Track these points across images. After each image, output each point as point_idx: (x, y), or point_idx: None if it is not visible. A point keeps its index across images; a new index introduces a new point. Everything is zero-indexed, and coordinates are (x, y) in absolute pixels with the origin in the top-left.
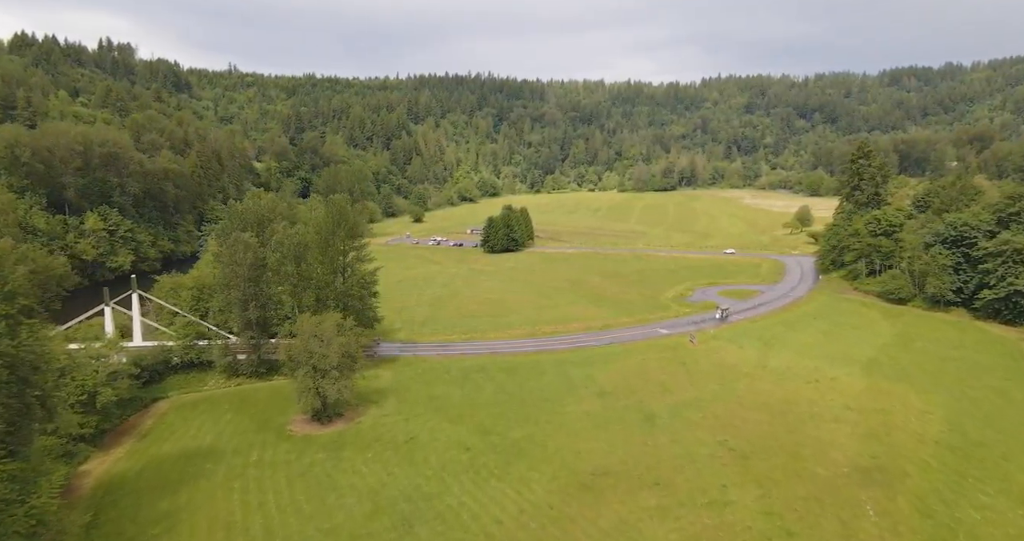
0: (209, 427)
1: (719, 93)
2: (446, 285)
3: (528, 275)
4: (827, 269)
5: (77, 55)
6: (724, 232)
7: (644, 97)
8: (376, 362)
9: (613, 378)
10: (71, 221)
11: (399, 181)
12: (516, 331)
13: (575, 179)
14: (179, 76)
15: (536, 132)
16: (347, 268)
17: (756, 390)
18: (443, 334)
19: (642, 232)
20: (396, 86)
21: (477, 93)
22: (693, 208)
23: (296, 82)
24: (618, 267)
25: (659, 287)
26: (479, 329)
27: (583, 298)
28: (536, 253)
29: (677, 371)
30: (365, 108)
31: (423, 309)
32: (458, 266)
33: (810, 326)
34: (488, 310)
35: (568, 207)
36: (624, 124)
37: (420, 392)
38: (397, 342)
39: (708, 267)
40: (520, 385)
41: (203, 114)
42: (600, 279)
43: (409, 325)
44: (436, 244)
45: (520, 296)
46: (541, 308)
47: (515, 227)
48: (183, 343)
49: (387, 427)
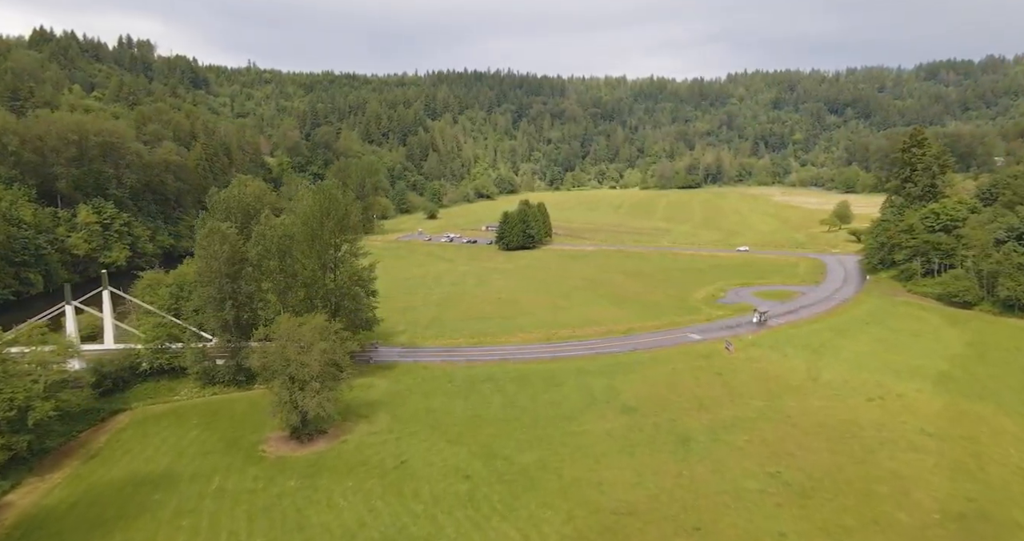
0: (170, 446)
1: (745, 89)
2: (456, 284)
3: (544, 274)
4: (874, 269)
5: (95, 51)
6: (755, 230)
7: (667, 93)
8: (371, 369)
9: (639, 391)
10: (63, 214)
11: (415, 178)
12: (530, 335)
13: (596, 176)
14: (196, 73)
15: (556, 129)
16: (338, 263)
17: (809, 408)
18: (449, 337)
19: (667, 229)
20: (414, 82)
21: (496, 89)
22: (720, 205)
23: (314, 79)
24: (642, 266)
25: (688, 287)
26: (489, 332)
27: (604, 299)
28: (554, 250)
29: (713, 383)
30: (382, 104)
31: (429, 310)
32: (470, 264)
33: (863, 333)
34: (500, 311)
35: (588, 204)
36: (647, 120)
37: (418, 405)
38: (397, 346)
39: (740, 266)
40: (532, 398)
41: (219, 110)
42: (623, 278)
43: (413, 327)
44: (449, 241)
45: (535, 296)
46: (558, 309)
47: (532, 223)
48: (152, 346)
49: (375, 448)
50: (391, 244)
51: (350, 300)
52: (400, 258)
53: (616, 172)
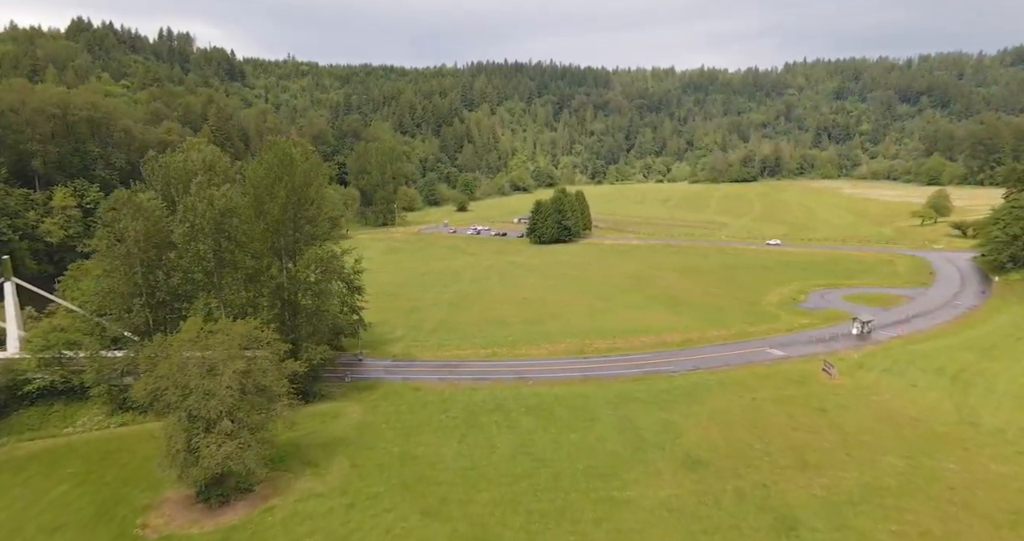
0: (12, 513)
1: (805, 78)
2: (476, 280)
3: (581, 270)
4: (1001, 268)
5: (132, 42)
6: (828, 224)
7: (719, 84)
8: (345, 390)
9: (709, 433)
10: (37, 196)
11: (447, 169)
12: (558, 345)
13: (641, 170)
14: (233, 65)
15: (599, 120)
16: (296, 249)
17: (982, 475)
18: (455, 347)
19: (722, 223)
20: (452, 74)
21: (537, 79)
22: (782, 199)
23: (351, 71)
24: (697, 262)
25: (756, 288)
26: (506, 341)
27: (654, 301)
28: (593, 244)
29: (817, 425)
30: (416, 93)
31: (439, 311)
32: (496, 258)
33: (1021, 353)
34: (523, 314)
35: (633, 197)
36: (696, 112)
37: (392, 448)
38: (388, 358)
39: (819, 263)
40: (555, 439)
41: (252, 101)
42: (675, 277)
43: (413, 332)
44: (476, 233)
45: (568, 296)
46: (595, 313)
47: (568, 213)
48: (42, 357)
49: (313, 522)
50: (411, 236)
51: (313, 298)
52: (417, 251)
53: (663, 166)
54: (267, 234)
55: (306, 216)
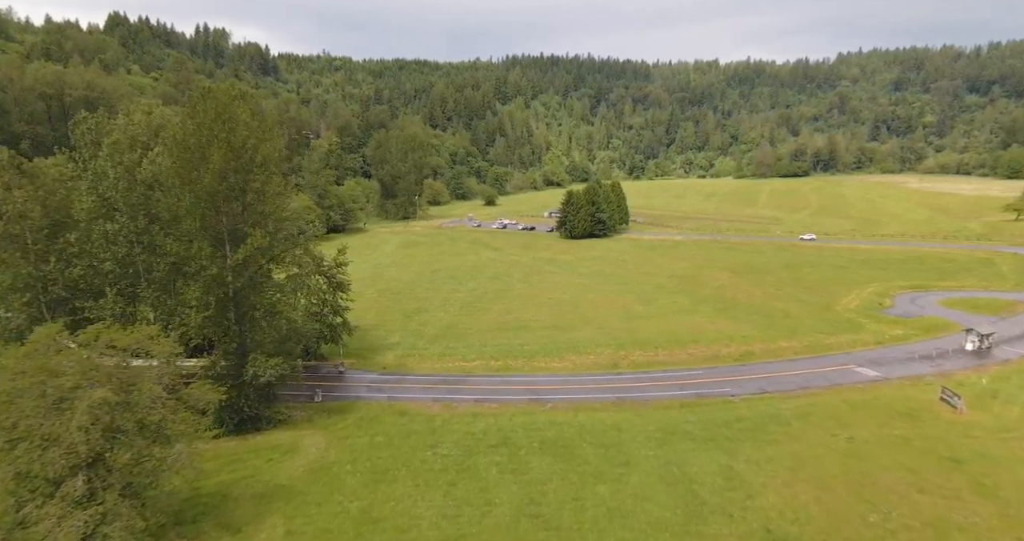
0: None
1: (860, 69)
2: (497, 278)
3: (617, 267)
4: None
5: (167, 37)
6: (899, 219)
7: (766, 77)
8: (312, 412)
9: (793, 492)
10: None
11: (479, 164)
12: (586, 357)
13: (682, 165)
14: (266, 60)
15: (638, 114)
16: (241, 231)
17: None
18: (459, 357)
19: (776, 218)
20: (485, 67)
21: (574, 73)
22: (840, 193)
23: (384, 65)
24: (752, 260)
25: (827, 289)
26: (523, 351)
27: (703, 304)
28: (630, 239)
29: (953, 485)
30: (449, 87)
31: (447, 313)
32: (521, 253)
33: None
34: (547, 318)
35: (674, 192)
36: (741, 105)
37: (350, 504)
38: (375, 370)
39: (900, 261)
40: (576, 496)
41: (285, 96)
42: (728, 276)
43: (412, 338)
44: (502, 227)
45: (601, 296)
46: (633, 318)
47: (603, 206)
48: None
49: None
50: (431, 230)
51: (266, 297)
52: (436, 246)
53: (705, 161)
54: (196, 210)
55: (254, 189)
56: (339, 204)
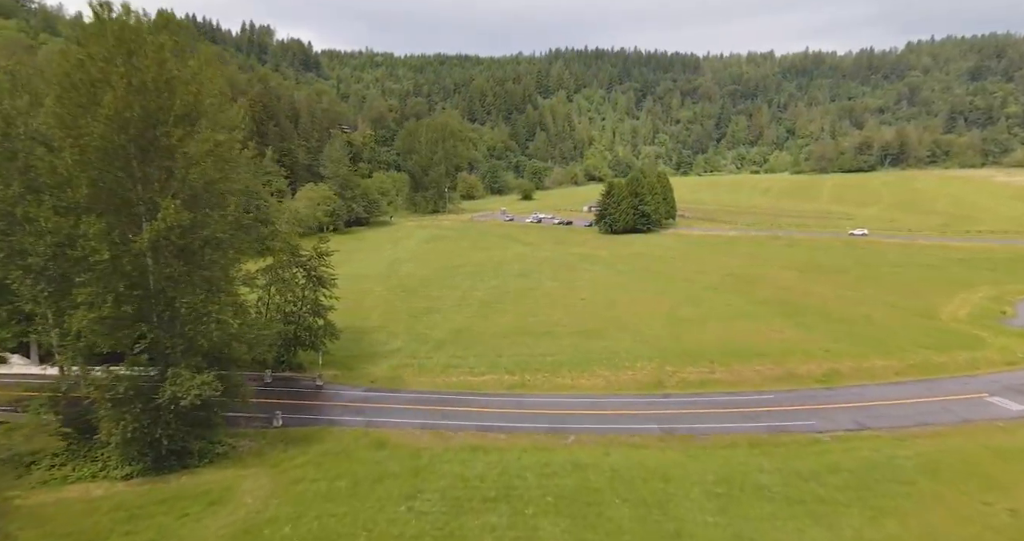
0: None
1: (932, 58)
2: (524, 275)
3: (662, 264)
4: None
5: (212, 34)
6: (995, 214)
7: (826, 68)
8: (265, 443)
9: None
10: None
11: (517, 158)
12: (624, 373)
13: (733, 161)
14: (308, 56)
15: (687, 108)
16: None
17: None
18: (467, 369)
19: (844, 213)
20: (527, 61)
21: (619, 66)
22: (916, 188)
23: (425, 60)
24: (820, 257)
25: (922, 293)
26: (546, 363)
27: (766, 308)
28: (678, 235)
29: None
30: (489, 80)
31: (461, 314)
32: (554, 248)
33: None
34: (577, 321)
35: (725, 187)
36: (799, 98)
37: None
38: (362, 385)
39: (1012, 261)
40: None
41: (317, 86)
42: (793, 275)
43: (415, 344)
44: (536, 221)
45: (642, 297)
46: (681, 323)
47: (647, 197)
48: None
49: None
50: (460, 224)
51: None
52: (461, 240)
53: (759, 156)
54: (85, 171)
55: (171, 148)
56: (362, 195)
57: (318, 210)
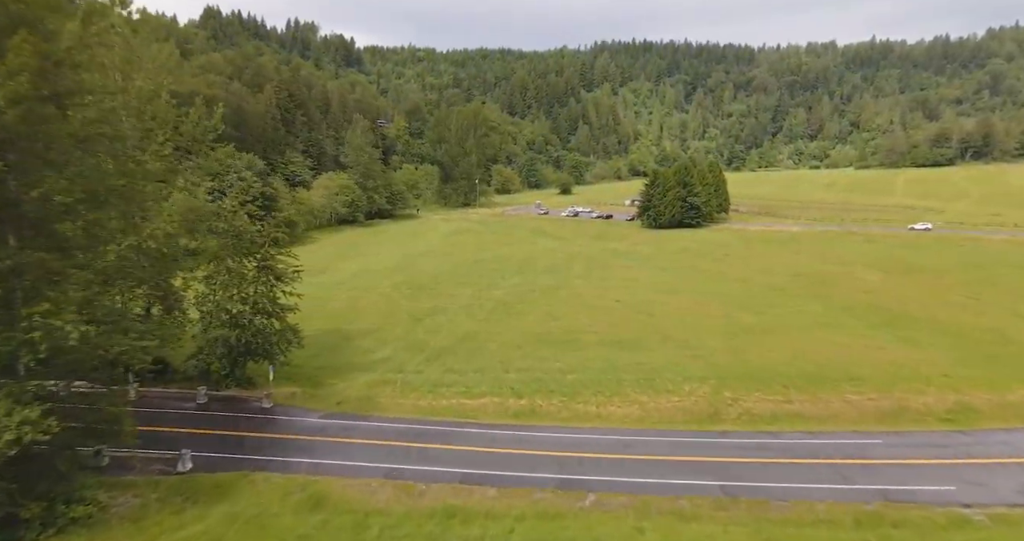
0: None
1: (1017, 45)
2: (551, 271)
3: (714, 263)
4: None
5: (256, 30)
6: None
7: (894, 58)
8: (155, 499)
9: None
10: None
11: (557, 152)
12: (666, 400)
13: (790, 156)
14: (351, 52)
15: (740, 101)
16: None
17: None
18: (460, 389)
19: (927, 207)
20: (572, 55)
21: (668, 59)
22: (1006, 181)
23: (466, 55)
24: (908, 255)
25: None
26: (565, 382)
27: (847, 315)
28: (731, 230)
29: None
30: (531, 73)
31: (472, 316)
32: (589, 244)
33: None
34: (609, 329)
35: (782, 182)
36: (864, 89)
37: None
38: (319, 410)
39: None
40: None
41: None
42: (878, 276)
43: (406, 353)
44: (573, 215)
45: (690, 300)
46: (739, 334)
47: (696, 188)
48: None
49: None
50: (490, 217)
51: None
52: (488, 234)
53: (819, 150)
54: None
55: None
56: (385, 186)
57: (335, 200)
